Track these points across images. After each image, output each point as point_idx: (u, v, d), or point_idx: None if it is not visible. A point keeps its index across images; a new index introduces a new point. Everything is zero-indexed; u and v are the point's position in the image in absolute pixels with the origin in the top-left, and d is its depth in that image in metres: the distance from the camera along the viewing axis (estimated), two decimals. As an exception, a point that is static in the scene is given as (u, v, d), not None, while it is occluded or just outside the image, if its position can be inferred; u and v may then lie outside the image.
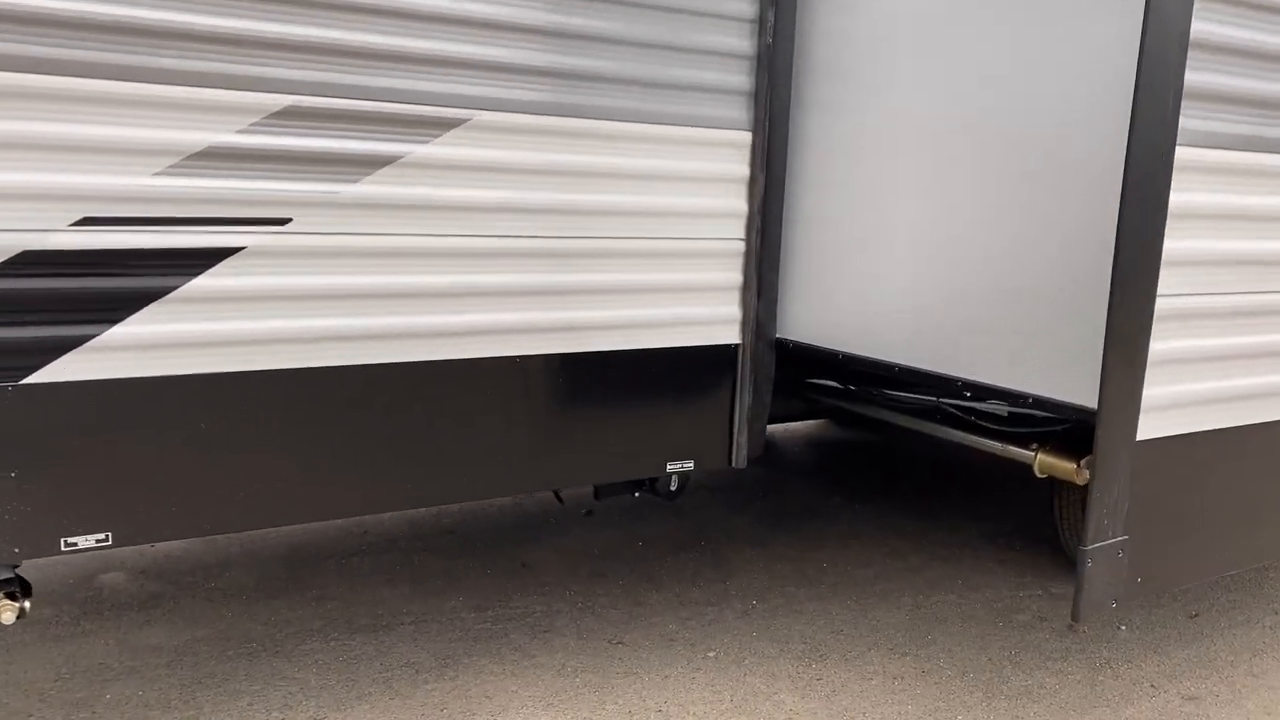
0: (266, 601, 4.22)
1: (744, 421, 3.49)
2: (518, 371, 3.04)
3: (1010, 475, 6.48)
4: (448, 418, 2.97)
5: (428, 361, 2.89)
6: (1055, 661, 3.94)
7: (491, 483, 3.07)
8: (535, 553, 4.81)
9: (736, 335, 3.48)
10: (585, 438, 3.22)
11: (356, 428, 2.89)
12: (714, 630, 4.09)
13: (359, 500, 2.96)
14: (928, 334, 3.03)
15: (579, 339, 3.13)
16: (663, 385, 3.34)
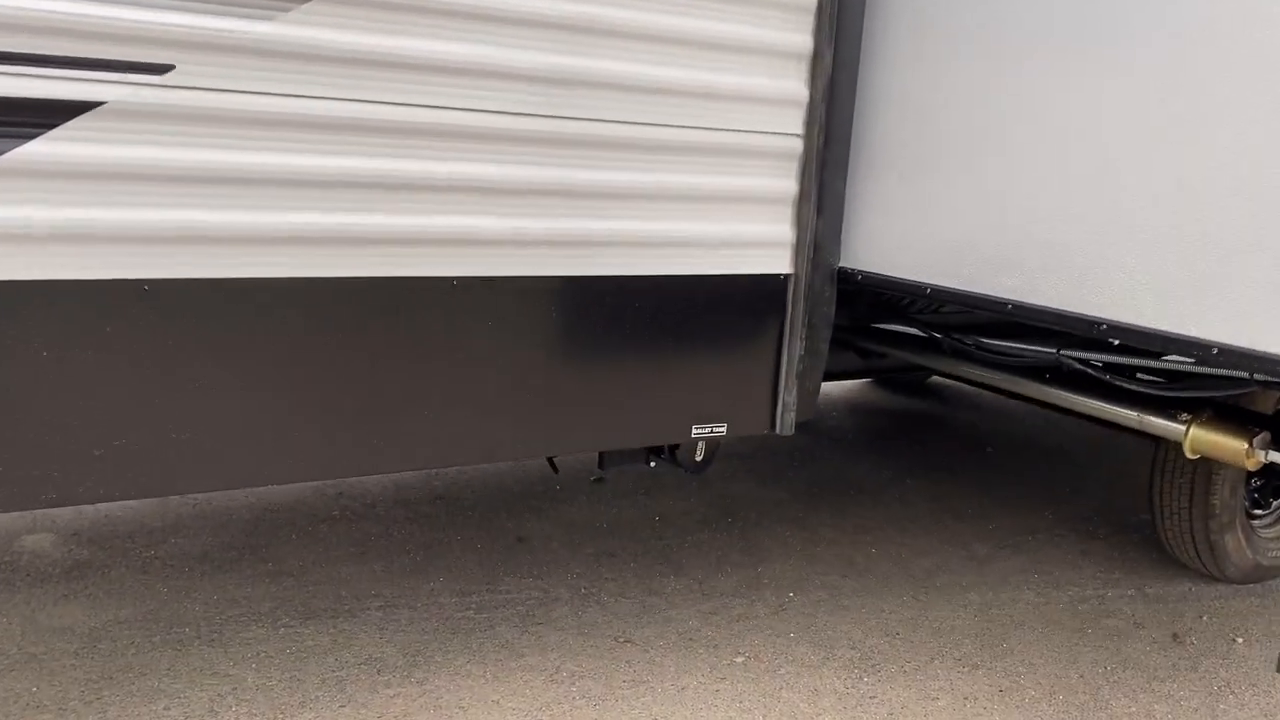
0: (212, 576, 3.55)
1: (792, 375, 2.74)
2: (492, 297, 2.30)
3: (1087, 448, 5.72)
4: (396, 358, 2.22)
5: (369, 279, 2.15)
6: (1162, 682, 3.21)
7: (457, 446, 2.34)
8: (534, 525, 4.11)
9: (787, 263, 2.72)
10: (585, 390, 2.47)
11: (269, 365, 2.14)
12: (743, 629, 3.38)
13: (254, 467, 2.19)
14: (1062, 264, 2.23)
15: (578, 258, 2.38)
16: (689, 325, 2.59)
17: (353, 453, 2.23)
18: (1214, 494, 3.66)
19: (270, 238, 2.08)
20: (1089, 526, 4.41)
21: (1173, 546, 3.89)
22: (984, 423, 5.99)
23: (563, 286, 2.39)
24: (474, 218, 2.25)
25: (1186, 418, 2.71)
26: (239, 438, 2.16)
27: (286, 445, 2.20)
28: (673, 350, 2.58)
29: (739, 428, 2.73)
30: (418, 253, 2.19)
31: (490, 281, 2.28)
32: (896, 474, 4.96)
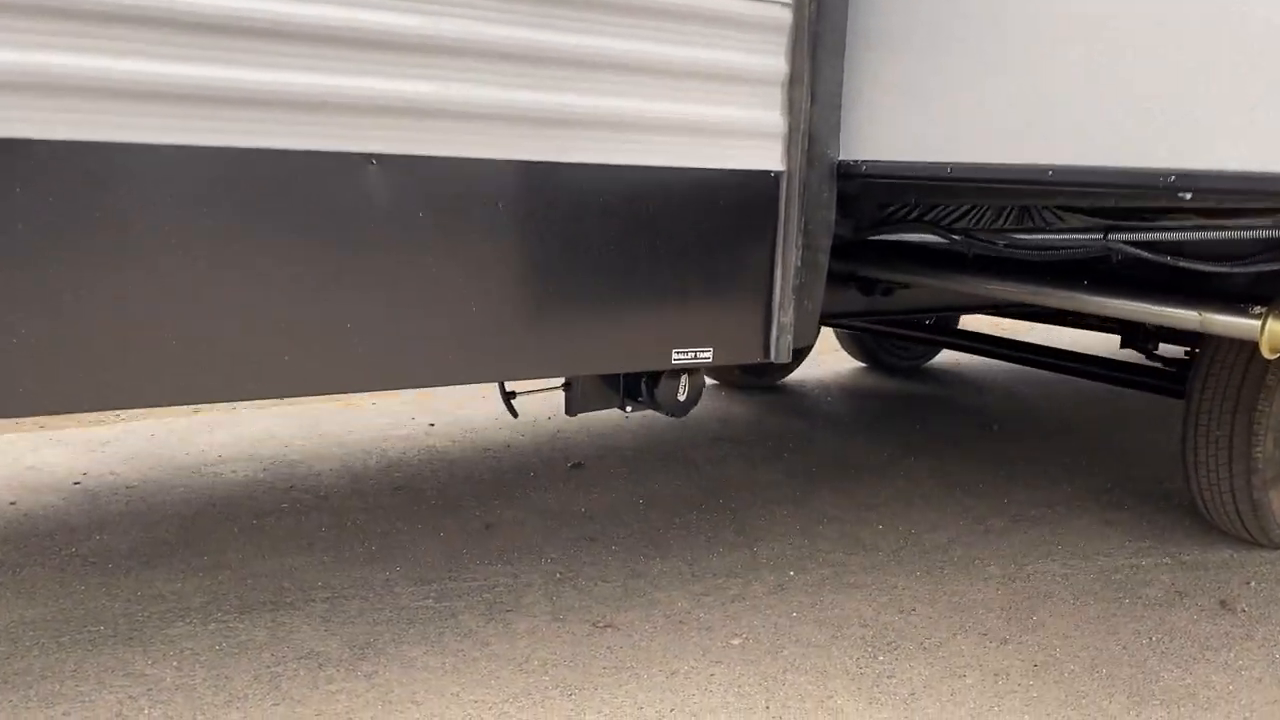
0: (139, 572, 3.14)
1: (788, 291, 2.36)
2: (427, 181, 1.91)
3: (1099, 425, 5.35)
4: (305, 252, 1.82)
5: (279, 151, 1.75)
6: (1216, 651, 2.83)
7: (401, 366, 1.93)
8: (505, 512, 3.72)
9: (779, 157, 2.34)
10: (546, 301, 2.07)
11: (153, 248, 1.72)
12: (739, 610, 2.99)
13: (150, 384, 1.76)
14: (1117, 112, 1.84)
15: (538, 139, 2.00)
16: (667, 229, 2.20)
17: (286, 372, 1.82)
18: (1256, 445, 3.29)
19: (165, 91, 1.70)
20: (1111, 498, 4.04)
21: (1209, 509, 3.52)
22: (987, 405, 5.63)
23: (519, 174, 2.01)
24: (401, 81, 1.86)
25: (1260, 310, 2.34)
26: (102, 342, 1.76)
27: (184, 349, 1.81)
28: (649, 260, 2.19)
29: (728, 354, 2.34)
30: (326, 121, 1.80)
31: (426, 162, 1.89)
32: (899, 453, 4.58)
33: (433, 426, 4.81)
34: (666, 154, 2.18)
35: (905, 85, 2.26)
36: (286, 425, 4.75)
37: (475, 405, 5.19)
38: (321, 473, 4.10)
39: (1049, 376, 6.30)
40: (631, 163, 2.13)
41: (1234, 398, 3.32)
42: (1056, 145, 1.93)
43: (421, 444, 4.53)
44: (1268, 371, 3.27)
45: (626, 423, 4.96)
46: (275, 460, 4.24)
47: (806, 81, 2.28)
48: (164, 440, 4.50)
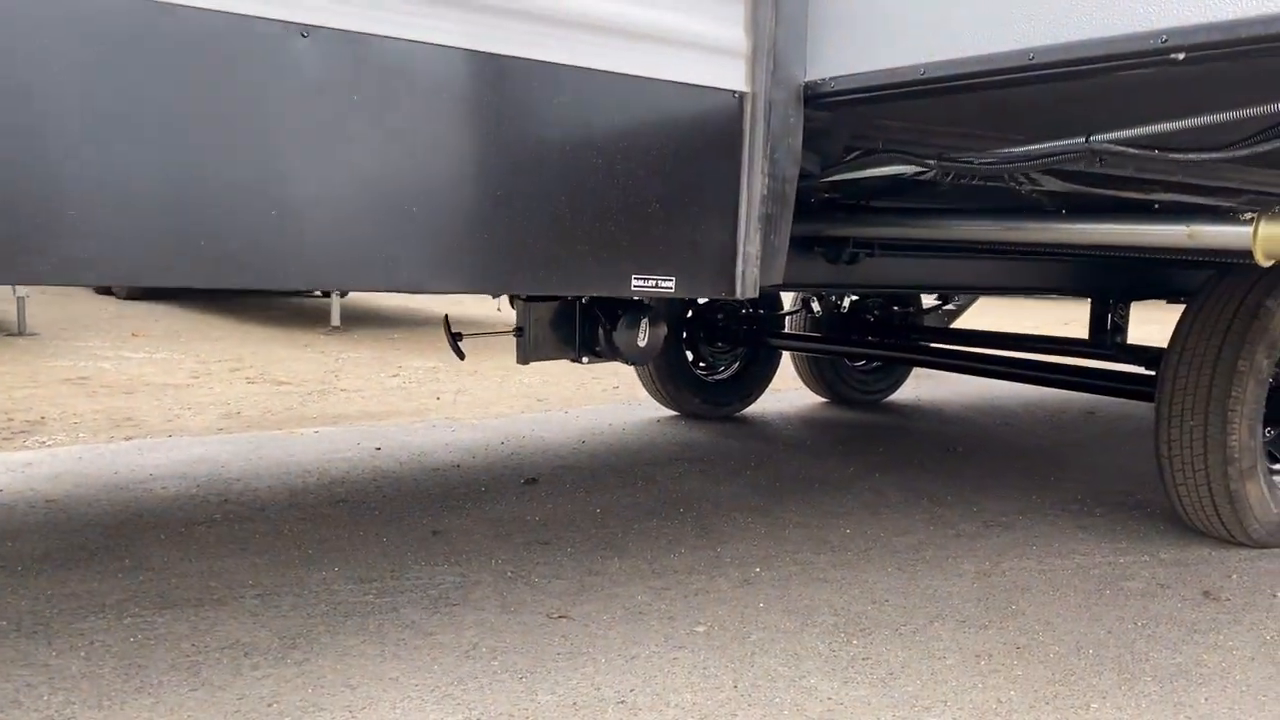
0: (50, 574, 2.89)
1: (753, 221, 2.23)
2: (366, 60, 1.77)
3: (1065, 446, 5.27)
4: (233, 127, 1.66)
5: (199, 9, 1.59)
6: (1205, 634, 2.68)
7: (319, 264, 1.76)
8: (452, 521, 3.51)
9: (742, 78, 2.23)
10: (491, 212, 1.92)
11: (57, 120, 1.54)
12: (702, 601, 2.80)
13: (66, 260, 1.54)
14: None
15: (472, 25, 1.86)
16: (624, 144, 2.07)
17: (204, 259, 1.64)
18: (1231, 434, 3.20)
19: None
20: (1083, 507, 3.92)
21: (1185, 506, 3.40)
22: (950, 431, 5.53)
23: (461, 63, 1.87)
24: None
25: (1251, 216, 2.24)
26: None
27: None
28: (606, 175, 2.06)
29: (690, 284, 2.20)
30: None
31: (363, 39, 1.75)
32: (863, 470, 4.45)
33: (379, 450, 4.60)
34: (626, 60, 2.06)
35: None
36: (224, 450, 4.52)
37: (425, 433, 5.00)
38: (258, 489, 3.87)
39: (1009, 409, 6.25)
40: (589, 65, 2.01)
41: (1206, 385, 3.24)
42: (1036, 24, 1.84)
43: (367, 465, 4.31)
44: (1239, 358, 3.20)
45: (583, 446, 4.79)
46: (210, 478, 4.01)
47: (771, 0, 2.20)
48: (91, 461, 4.25)
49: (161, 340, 8.44)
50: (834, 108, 2.28)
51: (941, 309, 6.68)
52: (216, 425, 5.09)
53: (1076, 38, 1.80)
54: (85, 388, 6.04)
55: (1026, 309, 14.82)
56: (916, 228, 2.94)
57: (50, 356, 7.26)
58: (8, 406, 5.40)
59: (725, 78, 2.22)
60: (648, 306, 2.60)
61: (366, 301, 13.37)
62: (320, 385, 6.41)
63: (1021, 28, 1.88)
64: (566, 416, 5.57)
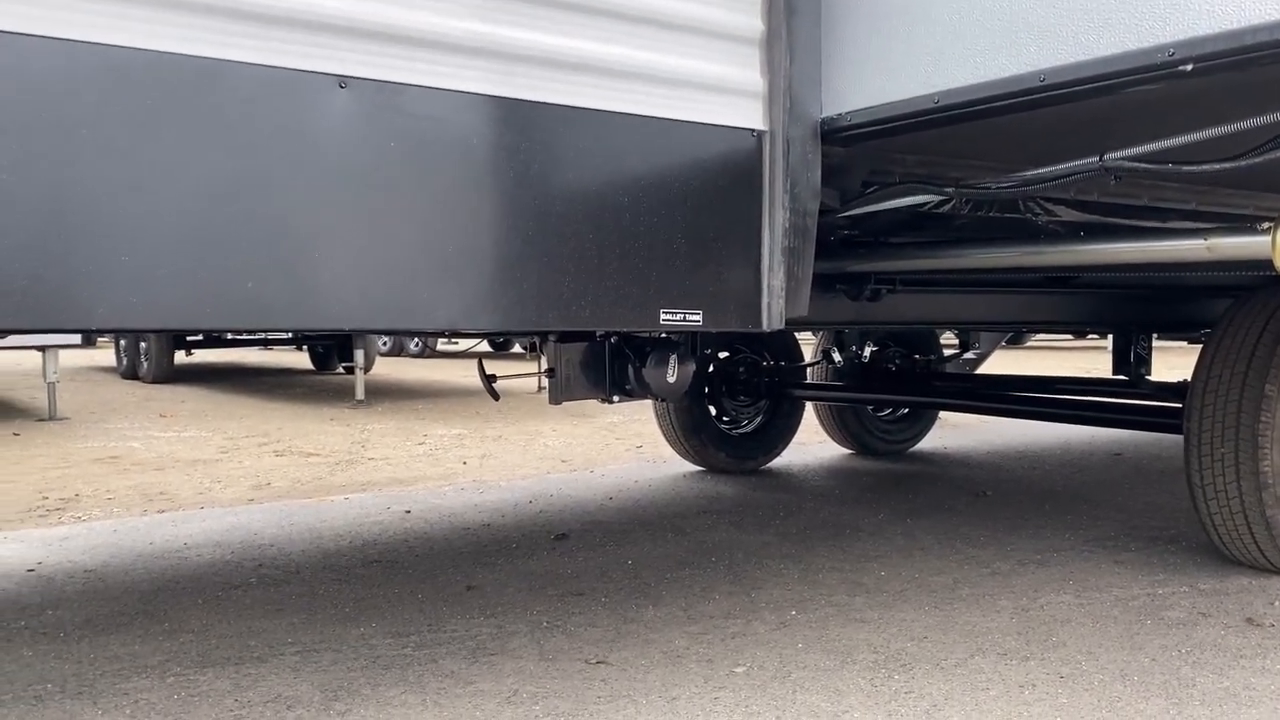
0: (92, 639, 2.91)
1: (777, 255, 2.28)
2: (402, 110, 1.84)
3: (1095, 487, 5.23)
4: (277, 175, 1.73)
5: (246, 65, 1.67)
6: (1251, 659, 2.65)
7: (360, 305, 1.81)
8: (486, 576, 3.52)
9: (760, 117, 2.30)
10: (525, 251, 1.97)
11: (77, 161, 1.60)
12: (740, 644, 2.80)
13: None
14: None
15: (511, 74, 1.94)
16: (650, 183, 2.13)
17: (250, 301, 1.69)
18: (1263, 460, 3.19)
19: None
20: (1118, 543, 3.89)
21: (1221, 536, 3.38)
22: (977, 476, 5.51)
23: (500, 110, 1.94)
24: (370, 1, 1.80)
25: (1268, 225, 2.26)
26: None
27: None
28: (633, 213, 2.11)
29: (718, 317, 2.24)
30: (287, 37, 1.73)
31: (400, 89, 1.83)
32: (894, 516, 4.43)
33: (409, 513, 4.62)
34: (647, 103, 2.13)
35: (883, 26, 2.24)
36: (256, 518, 4.55)
37: (453, 496, 5.02)
38: (292, 553, 3.90)
39: (1035, 451, 6.23)
40: (612, 109, 2.08)
41: (1234, 413, 3.24)
42: (1048, 46, 1.90)
43: (398, 527, 4.33)
44: (1265, 382, 3.20)
45: (610, 502, 4.80)
46: (244, 544, 4.04)
47: (784, 39, 2.27)
48: (126, 534, 4.29)
49: (189, 420, 8.53)
50: (851, 143, 2.35)
51: (962, 358, 6.70)
52: (247, 496, 5.13)
53: (1086, 57, 1.85)
54: (117, 466, 6.11)
55: (1045, 362, 14.78)
56: (936, 258, 2.99)
57: (81, 438, 7.35)
58: (42, 486, 5.47)
59: (743, 117, 2.29)
60: (676, 343, 2.64)
61: (388, 375, 13.47)
62: (348, 455, 6.46)
63: (1031, 51, 1.94)
64: (592, 475, 5.58)
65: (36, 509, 4.91)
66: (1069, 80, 1.88)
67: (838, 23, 2.31)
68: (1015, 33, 1.97)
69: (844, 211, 2.64)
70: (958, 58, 2.06)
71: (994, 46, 2.00)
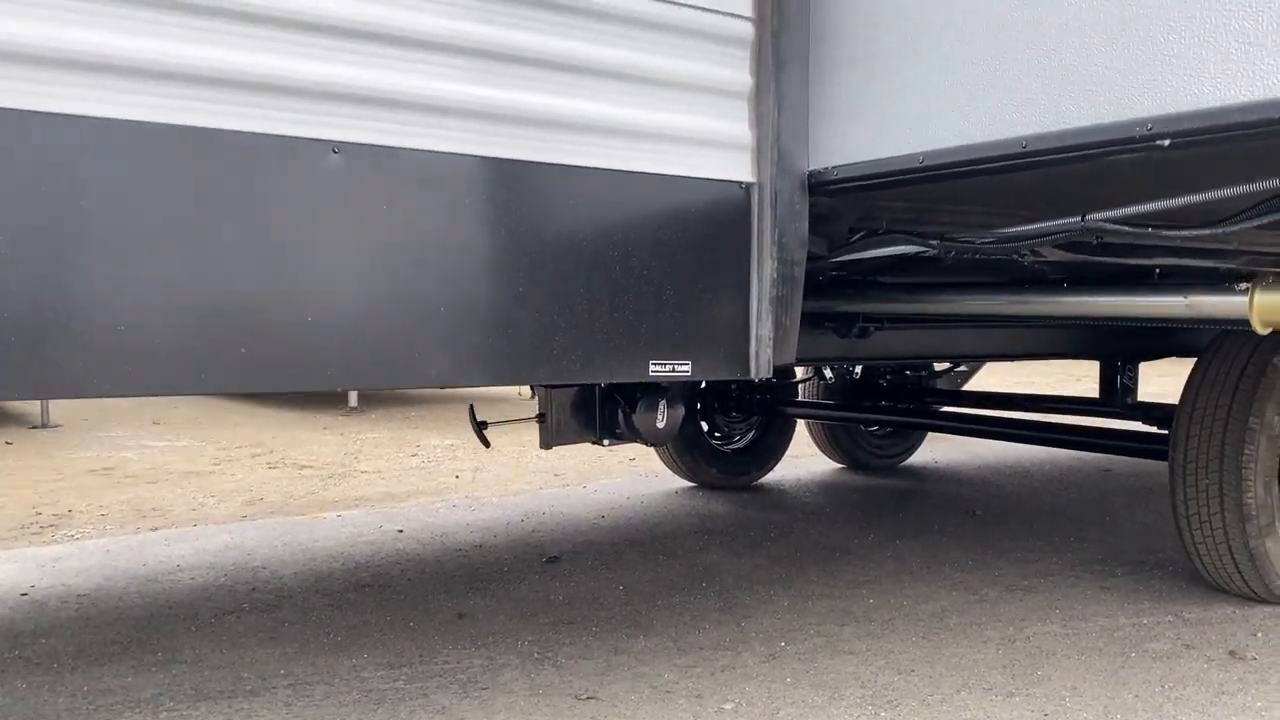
0: (86, 669, 2.93)
1: (765, 304, 2.31)
2: (391, 172, 1.87)
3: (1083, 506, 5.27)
4: (271, 238, 1.75)
5: (241, 133, 1.70)
6: (1233, 696, 2.69)
7: (354, 365, 1.84)
8: (478, 602, 3.54)
9: (749, 169, 2.33)
10: (516, 307, 2.00)
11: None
12: (729, 678, 2.82)
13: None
14: (1087, 70, 1.81)
15: (503, 135, 1.97)
16: (640, 238, 2.16)
17: (240, 369, 1.72)
18: (1246, 492, 3.23)
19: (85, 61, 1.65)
20: (1104, 568, 3.93)
21: (1205, 565, 3.42)
22: (967, 493, 5.54)
23: (491, 171, 1.97)
24: (375, 70, 1.83)
25: (1245, 286, 2.30)
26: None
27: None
28: (623, 266, 2.14)
29: (706, 368, 2.27)
30: (280, 105, 1.76)
31: (392, 153, 1.86)
32: (883, 537, 4.47)
33: (401, 532, 4.64)
34: (637, 159, 2.16)
35: (871, 85, 2.27)
36: (248, 537, 4.57)
37: (445, 514, 5.04)
38: (284, 576, 3.92)
39: (1023, 468, 6.27)
40: (605, 166, 2.11)
41: (1219, 445, 3.27)
42: (1031, 114, 1.93)
43: (390, 548, 4.35)
44: (1249, 415, 3.23)
45: (603, 521, 4.82)
46: (237, 566, 4.05)
47: (772, 93, 2.30)
48: (119, 554, 4.30)
49: (182, 428, 8.54)
50: (838, 194, 2.38)
51: (953, 370, 6.74)
52: (240, 512, 5.15)
53: (1066, 126, 1.88)
54: (110, 478, 6.12)
55: (1037, 367, 14.83)
56: (924, 304, 3.02)
57: (74, 448, 7.36)
58: (35, 500, 5.48)
59: (732, 170, 2.32)
60: (665, 388, 2.68)
61: (382, 380, 13.38)
62: (340, 468, 6.47)
63: (1013, 118, 1.97)
64: (585, 491, 5.61)
65: (30, 525, 4.92)
66: (1050, 148, 1.91)
67: (826, 79, 2.34)
68: (999, 100, 1.99)
69: (832, 258, 2.67)
70: (943, 121, 2.09)
71: (978, 112, 2.03)
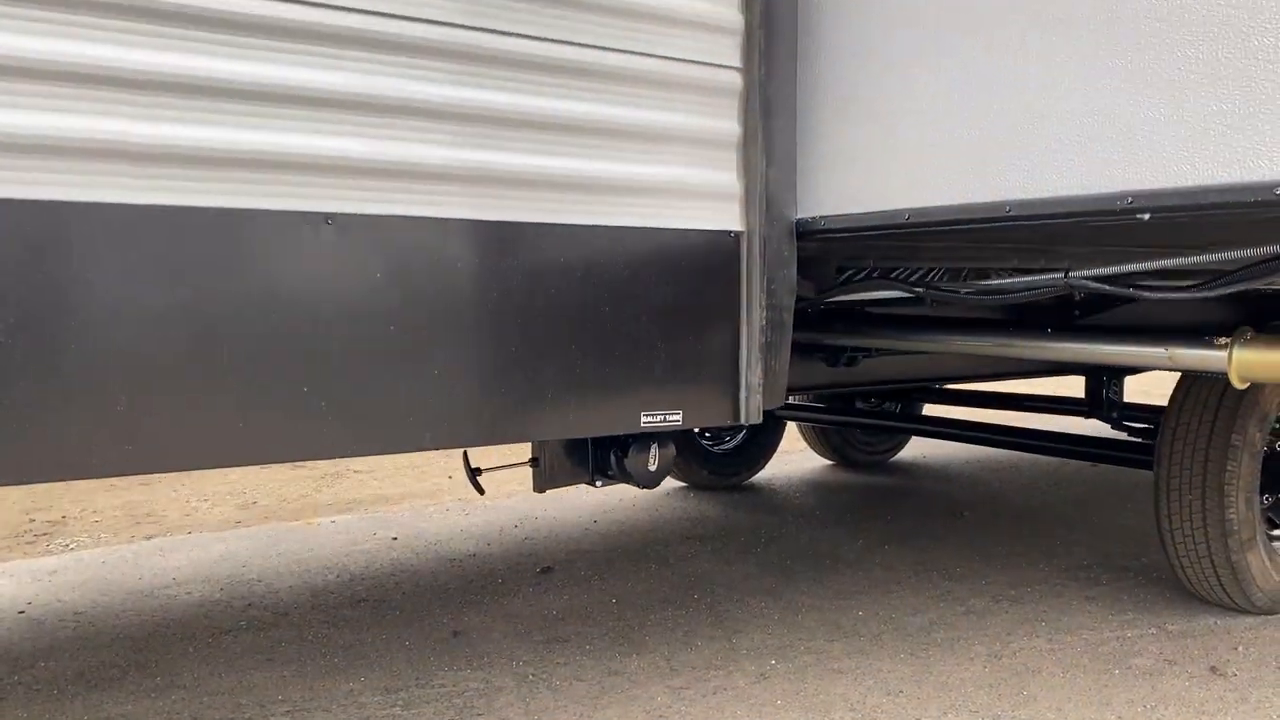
0: (85, 696, 2.97)
1: (754, 351, 2.34)
2: (382, 240, 1.89)
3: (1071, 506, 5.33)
4: (270, 311, 1.78)
5: (216, 209, 1.72)
6: (1212, 717, 2.75)
7: (354, 433, 1.87)
8: (472, 618, 3.58)
9: (737, 218, 2.35)
10: (509, 362, 2.04)
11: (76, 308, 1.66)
12: (721, 701, 2.87)
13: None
14: (1072, 141, 1.86)
15: (491, 197, 1.99)
16: (630, 290, 2.19)
17: (228, 444, 1.75)
18: (1229, 507, 3.28)
19: (97, 148, 1.67)
20: (1090, 574, 3.99)
21: (1189, 576, 3.48)
22: (956, 492, 5.60)
23: (474, 232, 1.99)
24: (349, 139, 1.86)
25: (1224, 341, 2.35)
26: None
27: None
28: (614, 320, 2.17)
29: (697, 415, 2.30)
30: (275, 179, 1.78)
31: (380, 221, 1.88)
32: (873, 542, 4.52)
33: (395, 540, 4.68)
34: (626, 215, 2.18)
35: (858, 139, 2.30)
36: (243, 546, 4.60)
37: (439, 519, 5.08)
38: (280, 590, 3.95)
39: (1011, 462, 6.33)
40: (594, 223, 2.13)
41: (1202, 460, 3.32)
42: (1015, 181, 1.96)
43: (385, 558, 4.39)
44: (1232, 432, 3.28)
45: (595, 525, 4.87)
46: (232, 579, 4.09)
47: (760, 143, 2.32)
48: (115, 566, 4.33)
49: (173, 423, 8.53)
50: (826, 241, 2.40)
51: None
52: (234, 517, 5.18)
53: (1048, 194, 1.91)
54: (102, 482, 6.14)
55: (1027, 347, 14.79)
56: (912, 341, 3.05)
57: (65, 447, 7.35)
58: (29, 505, 5.50)
59: (721, 219, 2.34)
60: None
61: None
62: (333, 468, 6.50)
63: (997, 183, 2.00)
64: (577, 493, 5.64)
65: (24, 533, 4.94)
66: (1033, 213, 1.94)
67: (814, 130, 2.36)
68: (985, 166, 2.02)
69: (820, 299, 2.69)
70: (930, 182, 2.11)
71: (965, 175, 2.05)
